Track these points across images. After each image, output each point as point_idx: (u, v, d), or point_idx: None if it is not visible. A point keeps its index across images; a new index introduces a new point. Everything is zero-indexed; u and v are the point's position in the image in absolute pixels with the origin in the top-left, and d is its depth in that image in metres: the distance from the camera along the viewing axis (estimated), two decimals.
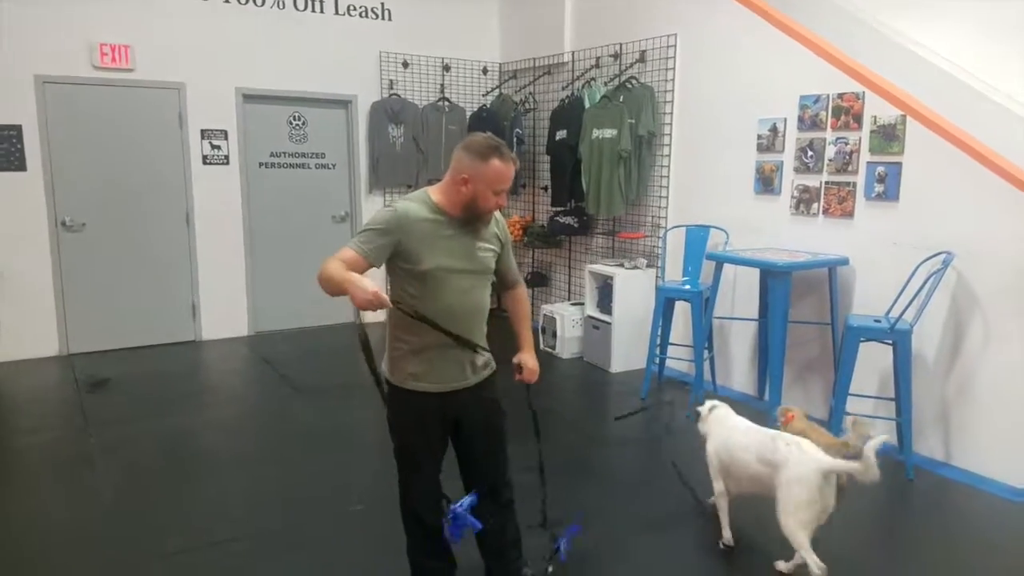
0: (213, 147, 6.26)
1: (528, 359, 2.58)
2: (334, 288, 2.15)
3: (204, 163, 6.24)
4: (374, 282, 2.10)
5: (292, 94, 6.52)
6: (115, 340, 6.06)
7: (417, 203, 2.34)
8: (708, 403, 3.26)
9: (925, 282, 3.70)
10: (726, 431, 3.07)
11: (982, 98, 4.06)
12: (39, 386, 5.22)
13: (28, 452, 4.08)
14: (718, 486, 3.08)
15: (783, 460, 2.75)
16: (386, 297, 2.10)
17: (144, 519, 3.32)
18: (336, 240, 6.70)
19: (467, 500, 2.44)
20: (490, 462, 2.55)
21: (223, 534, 3.19)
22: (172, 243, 6.22)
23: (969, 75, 4.17)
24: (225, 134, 6.29)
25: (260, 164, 6.52)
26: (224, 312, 6.45)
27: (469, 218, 2.33)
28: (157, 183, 6.11)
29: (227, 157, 6.32)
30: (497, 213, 2.48)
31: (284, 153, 6.62)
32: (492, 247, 2.44)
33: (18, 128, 5.55)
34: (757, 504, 2.94)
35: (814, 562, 2.65)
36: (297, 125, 6.65)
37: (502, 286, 2.61)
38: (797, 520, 2.69)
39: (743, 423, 3.08)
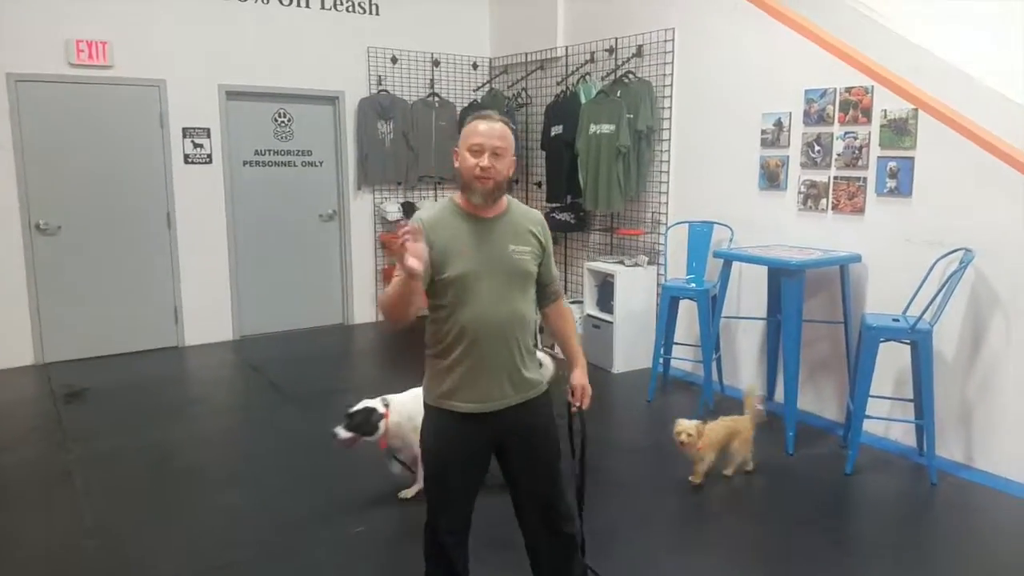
0: (195, 146, 6.02)
1: (579, 377, 2.32)
2: (397, 301, 1.99)
3: (186, 162, 6.00)
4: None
5: (277, 91, 6.30)
6: (93, 348, 5.81)
7: (434, 208, 2.18)
8: (364, 405, 3.25)
9: (946, 281, 3.58)
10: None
11: (990, 92, 3.96)
12: (13, 398, 4.95)
13: (1, 471, 3.83)
14: None
15: None
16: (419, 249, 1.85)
17: (128, 543, 3.10)
18: (324, 239, 6.69)
19: None
20: (539, 495, 2.27)
21: (213, 560, 2.98)
22: (152, 245, 5.97)
23: (973, 67, 4.07)
24: (208, 132, 6.05)
25: (244, 163, 6.30)
26: (208, 316, 6.21)
27: (477, 197, 2.10)
28: (136, 183, 5.86)
29: (210, 156, 6.09)
30: (539, 215, 2.29)
31: (269, 151, 6.40)
32: (529, 248, 2.18)
33: None
34: None
35: None
36: (283, 122, 6.42)
37: (542, 298, 2.32)
38: None
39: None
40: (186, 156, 6.00)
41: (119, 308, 5.88)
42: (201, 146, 6.05)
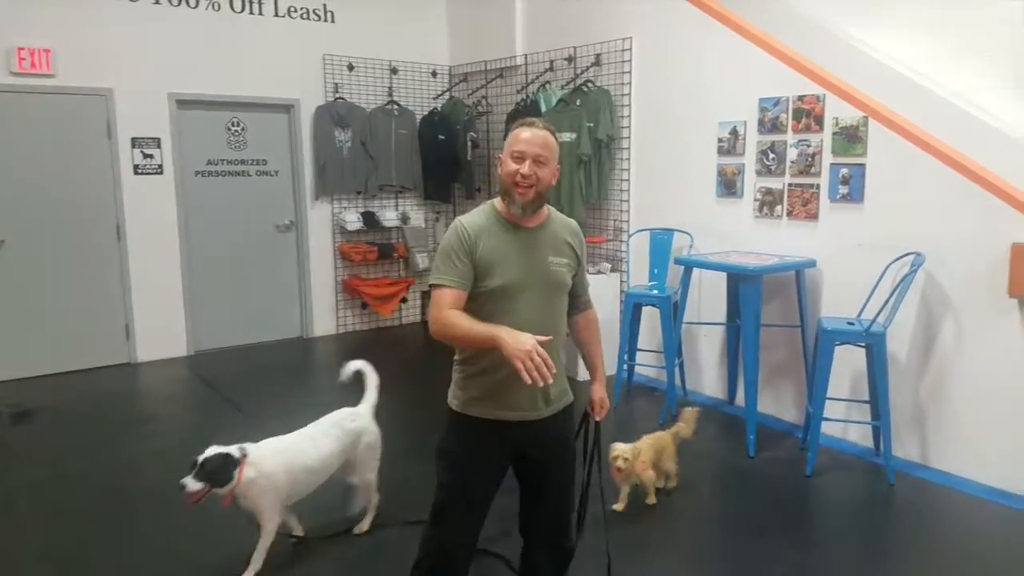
0: (145, 156, 5.86)
1: (599, 391, 2.34)
2: (470, 343, 2.02)
3: (135, 173, 5.83)
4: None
5: (230, 99, 6.17)
6: (41, 365, 5.59)
7: (477, 214, 2.14)
8: (217, 451, 2.89)
9: (898, 285, 3.67)
10: (286, 456, 2.97)
11: (938, 99, 4.09)
12: None
13: None
14: (279, 517, 2.97)
15: (360, 430, 3.19)
16: (542, 350, 1.82)
17: (77, 570, 2.98)
18: (281, 250, 6.55)
19: None
20: (554, 510, 2.26)
21: None
22: (102, 259, 5.79)
23: (921, 75, 4.19)
24: (158, 142, 5.90)
25: (196, 173, 6.15)
26: (160, 331, 6.04)
27: (516, 208, 2.06)
28: (84, 196, 5.68)
29: (160, 166, 5.93)
30: (575, 224, 2.26)
31: (223, 160, 6.27)
32: (566, 260, 2.16)
33: None
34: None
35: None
36: (236, 131, 6.29)
37: (573, 308, 2.30)
38: (377, 464, 3.27)
39: (293, 439, 3.08)
40: (136, 167, 5.83)
41: (67, 324, 5.68)
42: (151, 156, 5.89)
